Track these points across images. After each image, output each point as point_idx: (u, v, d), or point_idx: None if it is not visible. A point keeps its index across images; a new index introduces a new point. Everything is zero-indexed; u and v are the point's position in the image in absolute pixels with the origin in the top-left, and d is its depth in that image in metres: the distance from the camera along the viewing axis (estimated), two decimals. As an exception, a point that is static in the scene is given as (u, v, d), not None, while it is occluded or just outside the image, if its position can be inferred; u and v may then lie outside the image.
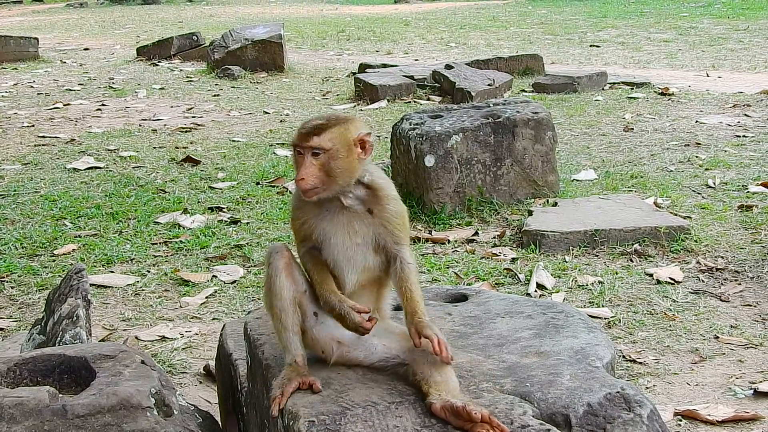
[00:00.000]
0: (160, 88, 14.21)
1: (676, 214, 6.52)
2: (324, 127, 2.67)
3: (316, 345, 2.78)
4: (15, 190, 8.03)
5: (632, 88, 12.31)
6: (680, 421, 3.91)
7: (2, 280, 5.88)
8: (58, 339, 3.73)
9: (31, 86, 14.77)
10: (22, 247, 6.49)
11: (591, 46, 18.23)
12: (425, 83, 12.74)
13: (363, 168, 2.72)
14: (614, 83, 12.62)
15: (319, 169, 2.64)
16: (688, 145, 8.94)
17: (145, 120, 11.55)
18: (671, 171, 7.94)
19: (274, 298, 2.73)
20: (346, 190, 2.69)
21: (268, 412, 2.62)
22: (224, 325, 3.72)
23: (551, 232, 6.10)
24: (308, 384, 2.67)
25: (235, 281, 5.80)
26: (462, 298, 3.36)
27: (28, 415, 2.88)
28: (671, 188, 7.33)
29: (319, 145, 2.64)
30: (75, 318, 3.79)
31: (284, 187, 7.78)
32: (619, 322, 4.94)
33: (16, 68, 17.03)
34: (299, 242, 2.81)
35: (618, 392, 2.51)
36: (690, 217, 6.52)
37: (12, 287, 5.79)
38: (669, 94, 11.78)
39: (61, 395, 3.03)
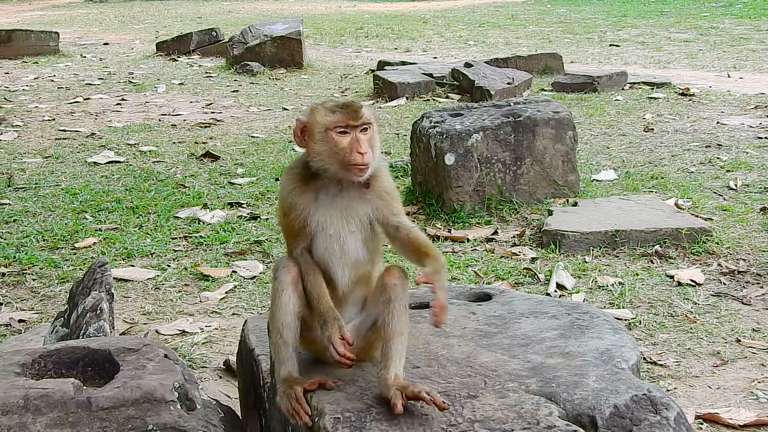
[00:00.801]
0: (179, 84, 14.24)
1: (697, 216, 6.49)
2: (362, 105, 2.73)
3: (319, 347, 2.78)
4: (36, 183, 8.07)
5: (653, 88, 12.25)
6: (701, 424, 3.90)
7: (24, 272, 5.91)
8: (82, 332, 3.75)
9: (52, 80, 14.82)
10: (44, 240, 6.52)
11: (611, 45, 18.16)
12: (444, 81, 12.72)
13: None
14: (634, 83, 12.57)
15: (368, 145, 2.68)
16: (709, 146, 8.90)
17: (165, 115, 11.57)
18: (692, 172, 7.91)
19: (278, 312, 2.74)
20: None
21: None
22: (246, 321, 3.73)
23: (571, 232, 6.09)
24: (317, 383, 2.68)
25: (254, 277, 5.81)
26: (486, 297, 3.36)
27: (53, 407, 2.90)
28: (692, 190, 7.30)
29: (368, 119, 2.69)
30: (99, 311, 3.81)
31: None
32: (640, 323, 4.92)
33: (36, 62, 17.10)
34: (292, 240, 2.81)
35: (645, 394, 2.50)
36: (711, 219, 6.50)
37: (34, 279, 5.82)
38: (690, 95, 11.73)
39: (85, 387, 3.04)
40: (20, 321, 5.20)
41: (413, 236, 2.73)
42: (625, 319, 4.94)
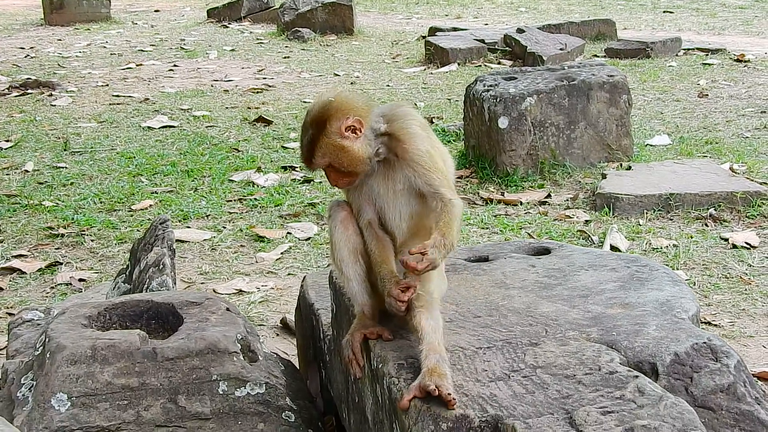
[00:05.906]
0: (230, 50, 14.30)
1: (752, 180, 6.44)
2: (312, 146, 2.68)
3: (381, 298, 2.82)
4: (92, 147, 8.18)
5: (707, 55, 12.09)
6: (756, 383, 3.89)
7: (83, 233, 6.01)
8: (145, 286, 3.82)
9: (104, 47, 14.95)
10: (101, 202, 6.62)
11: (664, 12, 17.94)
12: (496, 47, 12.67)
13: (371, 130, 2.71)
14: (688, 49, 12.42)
15: (338, 173, 2.71)
16: (765, 112, 8.79)
17: (217, 81, 11.64)
18: (747, 137, 7.83)
19: (335, 250, 2.79)
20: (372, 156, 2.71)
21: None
22: (305, 277, 3.78)
23: (625, 195, 6.07)
24: (376, 334, 2.70)
25: (309, 238, 5.87)
26: (545, 251, 3.38)
27: (120, 357, 2.98)
28: (747, 154, 7.24)
29: (319, 164, 2.71)
30: (161, 266, 3.88)
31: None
32: (694, 285, 4.91)
33: (88, 29, 17.22)
34: (356, 213, 2.82)
35: (705, 342, 2.52)
36: (766, 183, 6.44)
37: (92, 240, 5.92)
38: (745, 61, 11.57)
39: (150, 339, 3.11)
40: (80, 280, 5.30)
41: (444, 211, 2.61)
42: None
